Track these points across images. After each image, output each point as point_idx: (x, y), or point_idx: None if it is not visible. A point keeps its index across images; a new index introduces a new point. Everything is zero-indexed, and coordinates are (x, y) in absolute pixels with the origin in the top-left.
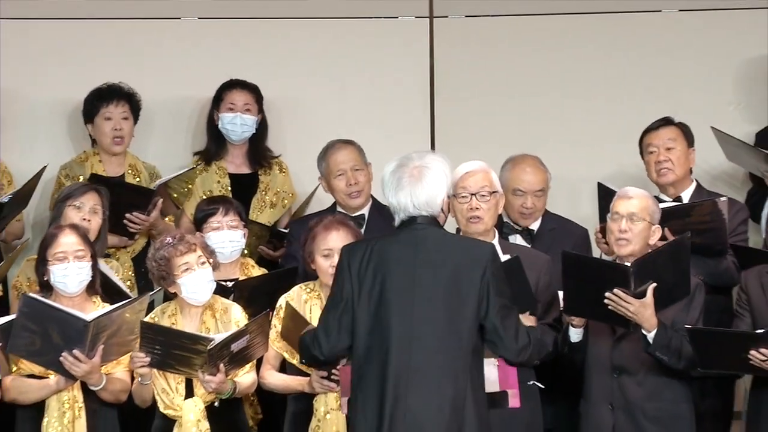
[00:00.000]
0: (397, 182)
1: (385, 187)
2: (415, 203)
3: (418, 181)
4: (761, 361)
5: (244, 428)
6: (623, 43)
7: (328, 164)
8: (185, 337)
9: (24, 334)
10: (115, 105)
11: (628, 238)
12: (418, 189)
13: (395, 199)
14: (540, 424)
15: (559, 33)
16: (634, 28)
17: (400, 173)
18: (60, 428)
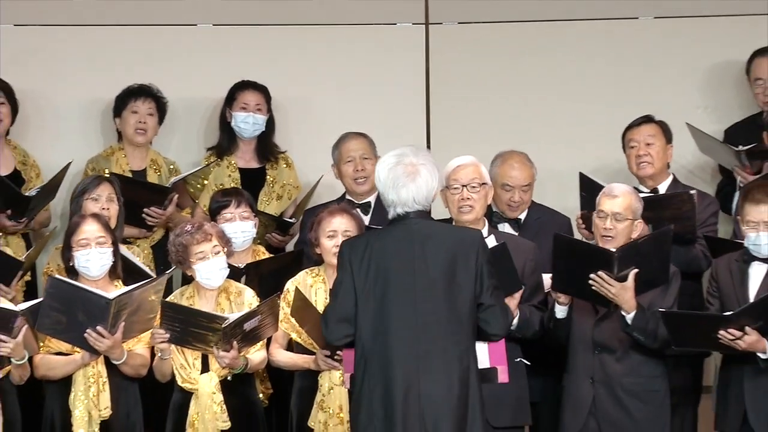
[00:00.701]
0: (395, 179)
1: (382, 183)
2: (416, 198)
3: (416, 178)
4: (729, 341)
5: (256, 401)
6: (604, 47)
7: (340, 152)
8: (202, 316)
9: (51, 314)
10: (143, 101)
11: (612, 236)
12: (417, 185)
13: (395, 195)
14: (527, 397)
15: (546, 38)
16: (614, 34)
17: (396, 171)
18: (86, 401)
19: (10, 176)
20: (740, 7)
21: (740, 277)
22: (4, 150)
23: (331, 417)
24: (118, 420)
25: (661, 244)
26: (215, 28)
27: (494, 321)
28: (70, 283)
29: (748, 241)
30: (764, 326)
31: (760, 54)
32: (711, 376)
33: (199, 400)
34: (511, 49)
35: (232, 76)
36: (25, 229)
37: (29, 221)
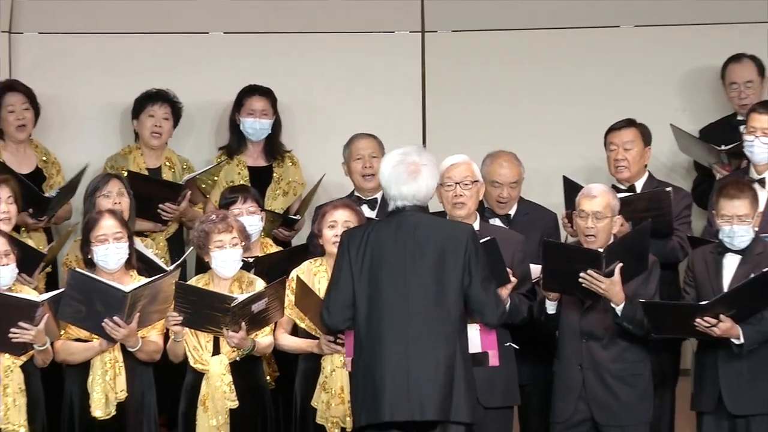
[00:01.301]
0: (398, 176)
1: (386, 178)
2: (416, 196)
3: (418, 177)
4: (705, 328)
5: (263, 383)
6: (588, 53)
7: (350, 150)
8: (213, 296)
9: (71, 304)
10: (159, 106)
11: (594, 234)
12: (418, 183)
13: (397, 191)
14: (516, 379)
15: (534, 45)
16: (597, 41)
17: (400, 168)
18: (103, 384)
19: (32, 173)
20: (714, 16)
21: (715, 267)
22: (27, 149)
23: (333, 397)
24: (134, 401)
25: (641, 238)
26: (226, 35)
27: (485, 311)
28: (89, 276)
29: (723, 234)
30: (737, 314)
31: (734, 60)
32: (688, 359)
33: (210, 381)
34: (501, 56)
35: (241, 80)
36: (46, 225)
37: (49, 219)
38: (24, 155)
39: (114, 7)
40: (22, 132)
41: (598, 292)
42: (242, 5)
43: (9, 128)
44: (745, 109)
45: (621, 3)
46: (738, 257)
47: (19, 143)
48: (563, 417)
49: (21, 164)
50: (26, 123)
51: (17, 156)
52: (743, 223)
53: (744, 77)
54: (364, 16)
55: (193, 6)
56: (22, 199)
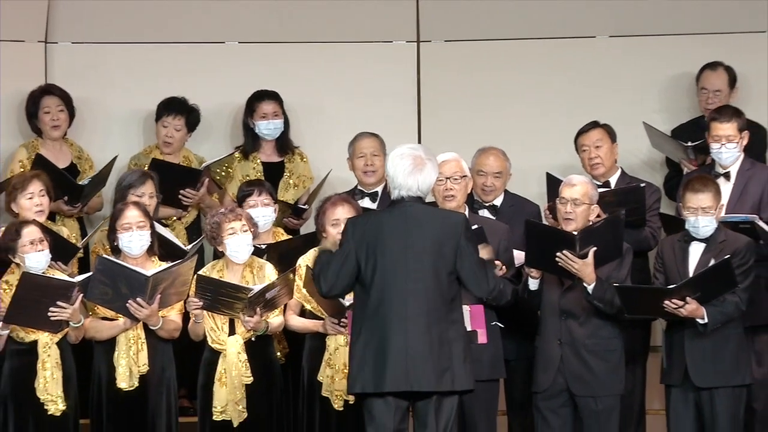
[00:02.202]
0: (405, 167)
1: (394, 168)
2: (420, 187)
3: (423, 170)
4: (673, 309)
5: (274, 359)
6: (568, 62)
7: (354, 148)
8: (230, 287)
9: (99, 287)
10: (173, 117)
11: (572, 218)
12: (423, 175)
13: (403, 180)
14: (501, 355)
15: (519, 54)
16: (576, 50)
17: (407, 161)
18: (127, 359)
19: (67, 168)
20: (684, 27)
21: (681, 255)
22: (63, 147)
23: (337, 372)
24: (155, 374)
25: (615, 227)
26: (240, 45)
27: (478, 286)
28: (115, 262)
29: (688, 224)
30: (702, 296)
31: (710, 67)
32: (658, 337)
33: (226, 358)
34: (490, 63)
35: (253, 85)
36: (79, 213)
37: (83, 207)
38: (60, 152)
39: (139, 19)
40: (56, 131)
41: (571, 271)
42: (255, 18)
43: (45, 127)
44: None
45: (597, 15)
46: (702, 245)
47: (55, 141)
48: (543, 388)
49: (57, 160)
50: (60, 123)
51: (54, 152)
52: (707, 215)
53: (715, 85)
54: (364, 28)
55: (210, 18)
56: (58, 188)
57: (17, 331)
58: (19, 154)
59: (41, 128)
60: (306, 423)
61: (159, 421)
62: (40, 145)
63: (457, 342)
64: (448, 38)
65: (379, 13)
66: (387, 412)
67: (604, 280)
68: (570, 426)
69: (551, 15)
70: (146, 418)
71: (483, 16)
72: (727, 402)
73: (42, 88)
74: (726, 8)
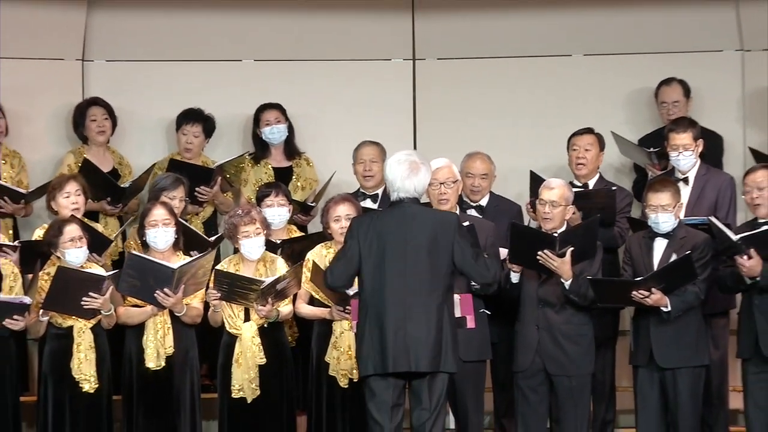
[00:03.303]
0: (402, 171)
1: (393, 172)
2: (416, 188)
3: (418, 173)
4: (640, 299)
5: (285, 343)
6: (546, 77)
7: (356, 155)
8: (245, 280)
9: (128, 280)
10: (192, 125)
11: (550, 218)
12: (418, 178)
13: (401, 183)
14: (488, 338)
15: (504, 70)
16: (554, 67)
17: (404, 165)
18: (155, 341)
19: (109, 173)
20: (646, 47)
21: (647, 249)
22: (106, 154)
23: (342, 354)
24: (179, 356)
25: (590, 230)
26: (255, 62)
27: (479, 275)
28: (144, 257)
29: (650, 221)
30: (665, 287)
31: (665, 83)
32: (626, 322)
33: (242, 342)
34: (478, 79)
35: (265, 98)
36: (120, 213)
37: (123, 207)
38: (103, 158)
39: (165, 39)
40: (101, 136)
41: (550, 269)
42: (268, 38)
43: (91, 134)
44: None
45: (572, 36)
46: (665, 241)
47: (99, 147)
48: (523, 368)
49: (101, 165)
50: (105, 130)
51: (98, 158)
52: (666, 212)
53: (672, 98)
54: (365, 47)
55: (229, 39)
56: (102, 190)
57: (55, 317)
58: (67, 159)
59: (87, 135)
60: (315, 399)
61: (183, 397)
62: (85, 151)
63: (448, 329)
64: (441, 56)
65: (379, 34)
66: (386, 390)
67: (579, 272)
68: (546, 402)
69: (532, 36)
70: (172, 395)
71: (472, 37)
72: (688, 380)
73: (88, 100)
74: (683, 31)
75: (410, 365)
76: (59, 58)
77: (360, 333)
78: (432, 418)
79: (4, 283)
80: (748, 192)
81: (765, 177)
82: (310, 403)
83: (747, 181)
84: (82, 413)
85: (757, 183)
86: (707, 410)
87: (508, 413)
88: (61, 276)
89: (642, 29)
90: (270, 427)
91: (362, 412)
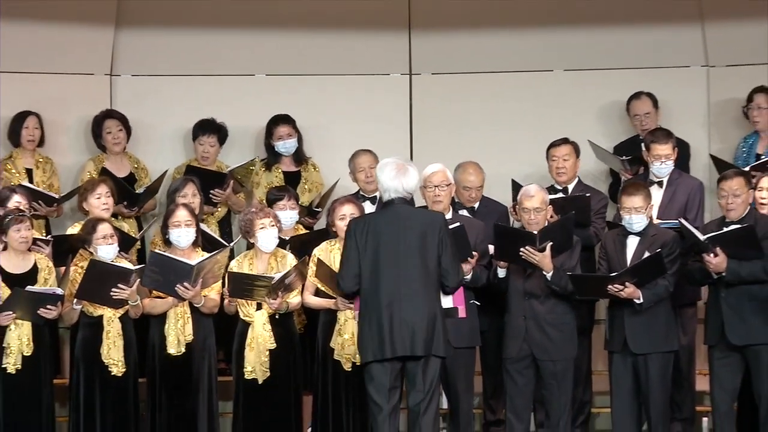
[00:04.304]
0: (390, 172)
1: (384, 174)
2: (405, 187)
3: (406, 173)
4: (615, 292)
5: (294, 330)
6: (530, 90)
7: (355, 163)
8: (255, 278)
9: (151, 275)
10: (208, 136)
11: (536, 222)
12: (406, 178)
13: (390, 183)
14: (477, 327)
15: (493, 84)
16: (537, 81)
17: (392, 167)
18: (175, 330)
19: (127, 177)
20: (622, 62)
21: (621, 246)
22: (123, 159)
23: (346, 340)
24: (198, 343)
25: (566, 226)
26: (267, 77)
27: (450, 277)
28: (166, 255)
29: (624, 221)
30: (638, 281)
31: (635, 97)
32: (601, 312)
33: (254, 329)
34: (469, 92)
35: (275, 109)
36: (136, 215)
37: (138, 209)
38: (121, 163)
39: (185, 56)
40: (117, 146)
41: (532, 263)
42: (277, 55)
43: (108, 144)
44: (646, 133)
45: (553, 53)
46: (637, 239)
47: (116, 155)
48: (511, 354)
49: (119, 170)
50: (119, 141)
51: (116, 164)
52: (638, 213)
53: (643, 110)
54: (365, 63)
55: (242, 56)
56: (118, 195)
57: (87, 307)
58: (88, 166)
59: (105, 145)
60: (320, 381)
61: (201, 379)
62: (104, 158)
63: (439, 317)
64: (435, 72)
65: (378, 51)
66: (384, 374)
67: (559, 266)
68: (532, 384)
69: (517, 52)
70: (191, 378)
71: (463, 54)
72: (658, 365)
73: (104, 113)
74: (654, 48)
75: (406, 349)
76: (89, 73)
77: (360, 323)
78: (426, 400)
79: (40, 275)
80: (724, 197)
81: (740, 185)
82: (317, 384)
83: (723, 186)
84: (111, 394)
85: (733, 190)
86: (676, 391)
87: (495, 395)
88: (93, 269)
89: (616, 47)
90: (279, 406)
91: (364, 393)
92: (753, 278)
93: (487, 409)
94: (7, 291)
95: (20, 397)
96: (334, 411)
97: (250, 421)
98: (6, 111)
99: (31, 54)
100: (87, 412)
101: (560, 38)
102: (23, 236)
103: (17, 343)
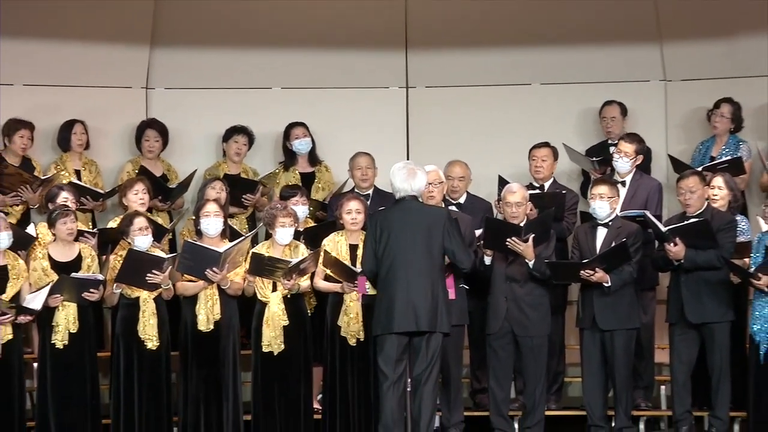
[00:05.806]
0: (401, 175)
1: (397, 177)
2: (413, 188)
3: (415, 176)
4: (586, 276)
5: (304, 310)
6: (513, 101)
7: (353, 163)
8: (276, 261)
9: (184, 261)
10: (240, 136)
11: (517, 215)
12: (416, 180)
13: (401, 185)
14: (466, 307)
15: (480, 96)
16: (519, 93)
17: (404, 171)
18: (205, 310)
19: (160, 177)
20: (592, 77)
21: (591, 236)
22: (157, 163)
23: (351, 319)
24: (224, 321)
25: (546, 221)
26: (283, 90)
27: (462, 260)
28: (197, 244)
29: (591, 209)
30: (607, 267)
31: (607, 104)
32: (574, 294)
33: (270, 308)
34: (460, 103)
35: (291, 117)
36: (168, 209)
37: (171, 204)
38: (155, 166)
39: (212, 71)
40: (150, 154)
41: (517, 252)
42: (291, 71)
43: (143, 150)
44: (610, 135)
45: (532, 69)
46: (605, 229)
47: (151, 159)
48: (494, 331)
49: (154, 170)
50: (154, 150)
51: (151, 166)
52: (603, 200)
53: (611, 114)
54: (367, 77)
55: (261, 71)
56: (153, 191)
57: (125, 290)
58: (126, 167)
59: (142, 151)
60: (329, 354)
61: (227, 353)
62: (141, 160)
63: (442, 297)
64: (429, 85)
65: (378, 67)
66: (392, 346)
67: (539, 254)
68: (512, 358)
69: (501, 68)
70: (218, 351)
71: (455, 70)
72: (623, 340)
73: (146, 122)
74: (619, 64)
75: (412, 325)
76: (128, 86)
77: (376, 303)
78: (428, 371)
79: (83, 263)
80: (682, 194)
81: (695, 183)
82: (326, 357)
83: (681, 185)
84: (147, 365)
85: (689, 187)
86: (638, 363)
87: (481, 366)
88: (131, 257)
89: (587, 64)
90: (292, 375)
91: (367, 365)
92: (708, 265)
93: (474, 378)
94: (55, 277)
95: (67, 369)
96: (341, 381)
97: (267, 389)
98: (58, 119)
99: (76, 69)
100: (126, 380)
101: (537, 56)
102: (69, 228)
103: (64, 322)
